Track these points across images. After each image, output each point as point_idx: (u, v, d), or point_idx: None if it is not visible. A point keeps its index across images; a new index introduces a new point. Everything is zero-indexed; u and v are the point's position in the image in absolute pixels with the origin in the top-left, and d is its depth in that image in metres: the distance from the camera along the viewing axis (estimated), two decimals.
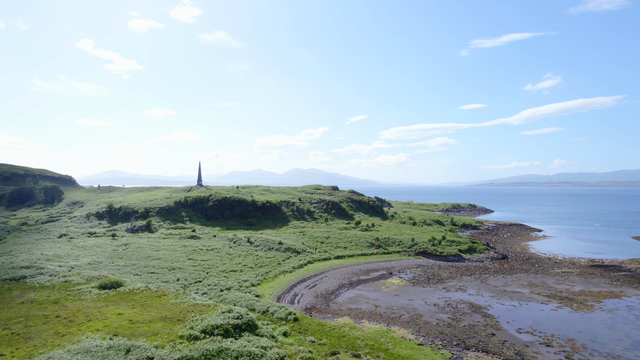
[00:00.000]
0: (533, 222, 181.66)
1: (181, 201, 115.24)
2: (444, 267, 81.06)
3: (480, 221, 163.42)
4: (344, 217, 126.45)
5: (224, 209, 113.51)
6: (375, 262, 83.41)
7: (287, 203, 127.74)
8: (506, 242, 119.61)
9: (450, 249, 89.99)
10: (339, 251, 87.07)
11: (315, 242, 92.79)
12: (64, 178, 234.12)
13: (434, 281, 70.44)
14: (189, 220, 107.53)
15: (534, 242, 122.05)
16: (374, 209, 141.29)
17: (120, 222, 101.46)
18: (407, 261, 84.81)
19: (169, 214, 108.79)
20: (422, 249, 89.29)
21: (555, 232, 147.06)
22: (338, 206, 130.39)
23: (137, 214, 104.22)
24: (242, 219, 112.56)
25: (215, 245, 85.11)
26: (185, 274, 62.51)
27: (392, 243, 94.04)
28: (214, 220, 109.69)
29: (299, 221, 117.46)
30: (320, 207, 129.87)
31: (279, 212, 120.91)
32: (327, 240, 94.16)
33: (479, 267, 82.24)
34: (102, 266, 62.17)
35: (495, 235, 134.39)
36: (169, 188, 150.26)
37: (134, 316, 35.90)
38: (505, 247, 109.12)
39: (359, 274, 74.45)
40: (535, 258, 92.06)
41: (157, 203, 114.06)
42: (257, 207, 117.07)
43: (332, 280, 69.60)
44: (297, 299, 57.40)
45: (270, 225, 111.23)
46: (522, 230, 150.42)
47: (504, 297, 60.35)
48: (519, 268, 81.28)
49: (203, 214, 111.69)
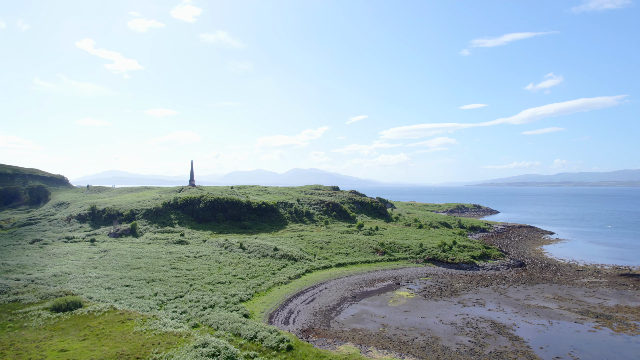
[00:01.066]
0: (542, 223, 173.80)
1: (170, 203, 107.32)
2: (457, 276, 73.29)
3: (488, 223, 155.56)
4: (345, 219, 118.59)
5: (217, 211, 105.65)
6: (380, 270, 75.65)
7: (285, 204, 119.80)
8: (519, 246, 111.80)
9: (462, 256, 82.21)
10: (341, 258, 79.34)
11: (315, 248, 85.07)
12: (56, 178, 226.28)
13: (447, 293, 62.72)
14: (178, 224, 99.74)
15: (548, 246, 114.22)
16: (376, 211, 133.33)
17: (103, 226, 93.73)
18: (416, 269, 77.02)
19: (156, 217, 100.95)
20: (432, 256, 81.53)
21: (568, 234, 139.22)
22: (339, 208, 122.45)
23: (122, 217, 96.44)
24: (235, 221, 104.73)
25: (204, 252, 77.38)
26: (166, 286, 54.81)
27: (398, 249, 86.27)
28: (206, 223, 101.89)
29: (297, 224, 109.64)
30: (320, 209, 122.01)
31: (276, 214, 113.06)
32: (327, 246, 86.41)
33: (496, 276, 74.44)
34: (70, 278, 54.44)
35: (506, 239, 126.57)
36: (159, 188, 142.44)
37: (80, 354, 28.11)
38: (519, 252, 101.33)
39: (363, 285, 66.73)
40: (554, 265, 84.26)
41: (145, 205, 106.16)
42: (252, 209, 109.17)
43: (333, 292, 61.87)
44: (292, 318, 49.66)
45: (266, 229, 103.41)
46: (533, 232, 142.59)
47: (529, 314, 52.64)
48: (540, 277, 73.47)
49: (194, 217, 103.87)
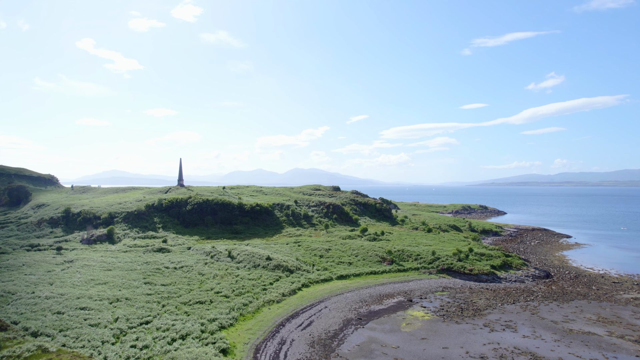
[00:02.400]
0: (555, 226, 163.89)
1: (154, 204, 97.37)
2: (477, 291, 63.46)
3: (499, 226, 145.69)
4: (347, 222, 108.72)
5: (205, 213, 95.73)
6: (388, 283, 65.82)
7: (281, 206, 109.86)
8: (538, 252, 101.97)
9: (480, 265, 72.37)
10: (343, 268, 69.50)
11: (313, 256, 75.25)
12: (44, 178, 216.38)
13: (469, 313, 52.96)
14: (162, 228, 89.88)
15: (569, 251, 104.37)
16: (381, 213, 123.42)
17: (77, 231, 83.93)
18: (429, 282, 67.16)
19: (138, 221, 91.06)
20: (447, 265, 71.69)
21: (587, 238, 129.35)
22: (340, 210, 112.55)
23: (99, 221, 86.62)
24: (226, 225, 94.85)
25: (186, 262, 67.55)
26: (132, 308, 45.02)
27: (408, 257, 76.40)
28: (193, 228, 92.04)
29: (294, 228, 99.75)
30: (320, 211, 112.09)
31: (271, 217, 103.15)
32: (327, 254, 76.58)
33: (521, 290, 64.58)
34: (14, 300, 44.65)
35: (522, 243, 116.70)
36: (147, 188, 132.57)
37: None
38: (540, 259, 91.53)
39: (369, 302, 56.96)
40: (585, 276, 74.38)
41: (126, 207, 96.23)
42: (245, 212, 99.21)
43: (335, 313, 52.10)
44: (284, 351, 39.83)
45: (260, 233, 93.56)
46: (548, 236, 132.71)
47: (575, 343, 42.85)
48: (574, 291, 63.62)
49: (180, 220, 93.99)
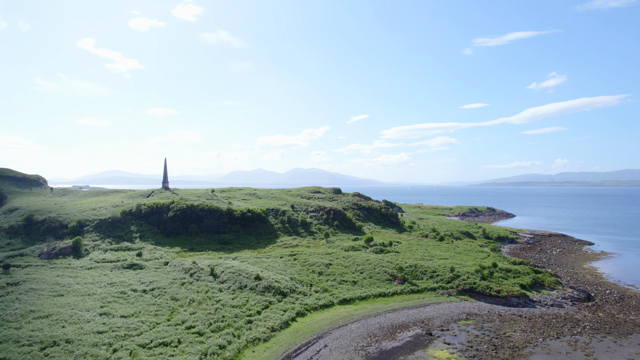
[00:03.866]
0: (572, 230, 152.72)
1: (132, 211, 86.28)
2: (509, 319, 52.42)
3: (514, 231, 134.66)
4: (349, 230, 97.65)
5: (189, 221, 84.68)
6: (401, 308, 54.77)
7: (276, 212, 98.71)
8: (563, 263, 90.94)
9: (508, 285, 61.31)
10: (346, 289, 58.46)
11: (311, 273, 64.21)
12: (29, 179, 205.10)
13: (505, 353, 42.01)
14: (139, 238, 78.85)
15: (597, 263, 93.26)
16: (386, 219, 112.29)
17: (39, 242, 72.87)
18: (449, 306, 56.11)
19: (112, 229, 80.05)
20: (469, 285, 60.62)
21: (611, 246, 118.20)
22: (342, 216, 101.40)
23: (66, 230, 75.61)
24: (213, 234, 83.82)
25: (159, 282, 56.54)
26: (69, 358, 34.06)
27: (422, 274, 65.29)
28: (175, 237, 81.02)
29: (290, 237, 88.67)
30: (319, 217, 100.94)
31: (265, 224, 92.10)
32: (327, 270, 65.52)
33: (562, 318, 53.51)
34: None
35: (542, 252, 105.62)
36: (130, 191, 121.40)
37: None
38: (568, 273, 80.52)
39: (379, 337, 45.95)
40: (632, 297, 63.20)
41: (100, 213, 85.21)
42: (235, 219, 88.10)
43: (337, 355, 41.08)
44: None
45: (251, 243, 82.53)
46: (568, 243, 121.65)
47: None
48: (627, 320, 52.53)
49: (160, 228, 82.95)
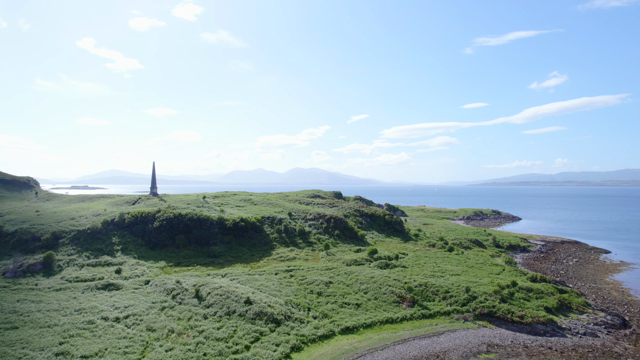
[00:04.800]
0: (584, 236, 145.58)
1: (114, 220, 79.22)
2: (537, 352, 45.31)
3: (524, 238, 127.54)
4: (351, 239, 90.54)
5: (176, 231, 77.61)
6: (411, 338, 47.68)
7: (272, 220, 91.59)
8: (582, 276, 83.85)
9: (532, 308, 54.21)
10: (349, 314, 51.37)
11: (309, 294, 57.15)
12: (19, 181, 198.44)
13: None
14: (121, 251, 71.77)
15: (620, 275, 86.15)
16: (390, 226, 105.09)
17: (7, 257, 65.71)
18: (467, 335, 48.98)
19: (91, 242, 72.96)
20: (487, 309, 53.53)
21: (630, 254, 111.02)
22: (343, 224, 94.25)
23: (38, 243, 68.54)
24: (202, 246, 76.76)
25: (136, 307, 49.49)
26: None
27: (433, 294, 58.18)
28: (161, 250, 73.95)
29: (287, 248, 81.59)
30: (319, 226, 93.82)
31: (259, 234, 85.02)
32: (327, 290, 58.45)
33: (599, 350, 46.38)
34: None
35: (558, 263, 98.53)
36: (118, 197, 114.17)
37: None
38: (591, 289, 73.45)
39: None
40: None
41: (79, 223, 78.09)
42: (226, 229, 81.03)
43: None
44: None
45: (244, 256, 75.45)
46: (583, 251, 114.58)
47: None
48: None
49: (145, 240, 75.86)
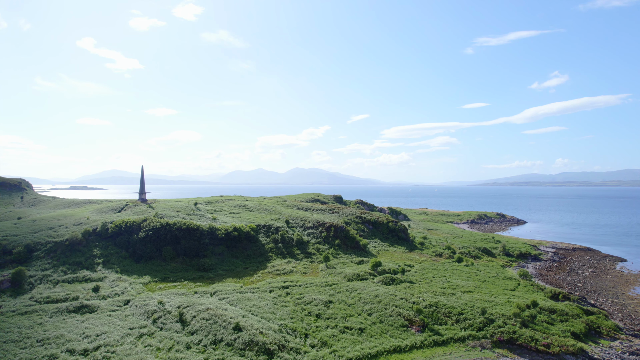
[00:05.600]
0: (595, 242, 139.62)
1: (96, 230, 73.22)
2: None
3: (534, 245, 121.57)
4: (353, 249, 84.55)
5: (164, 242, 71.63)
6: None
7: (268, 229, 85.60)
8: (602, 290, 77.90)
9: (557, 334, 48.22)
10: (351, 342, 45.35)
11: (307, 316, 51.19)
12: (9, 183, 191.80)
13: None
14: (103, 264, 65.78)
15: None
16: (394, 234, 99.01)
17: None
18: None
19: (70, 254, 66.96)
20: (507, 335, 47.54)
21: None
22: (344, 233, 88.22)
23: (9, 257, 62.52)
24: (192, 258, 70.77)
25: (109, 335, 43.51)
26: None
27: (445, 316, 52.20)
28: (146, 263, 67.96)
29: (284, 260, 75.61)
30: (318, 235, 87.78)
31: (254, 244, 79.04)
32: (327, 311, 52.48)
33: None
34: None
35: (573, 273, 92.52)
36: (107, 202, 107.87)
37: None
38: (614, 305, 67.51)
39: None
40: None
41: (56, 234, 72.03)
42: (218, 239, 75.08)
43: None
44: None
45: (237, 269, 69.42)
46: (597, 259, 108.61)
47: None
48: None
49: (129, 252, 69.87)
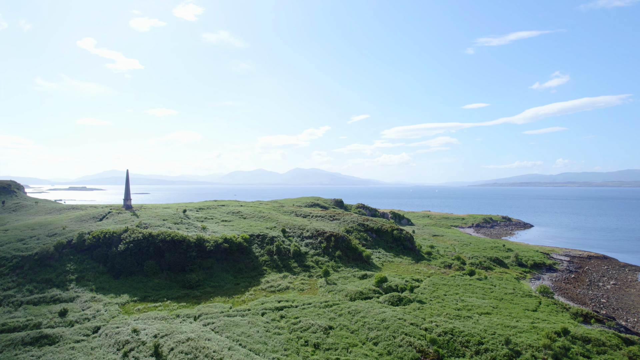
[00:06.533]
0: (610, 249, 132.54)
1: (72, 242, 66.15)
2: None
3: (546, 252, 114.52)
4: (355, 261, 77.48)
5: (146, 256, 64.64)
6: None
7: (263, 239, 78.58)
8: (628, 306, 70.83)
9: None
10: None
11: (304, 346, 44.20)
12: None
13: None
14: (76, 281, 58.81)
15: None
16: (399, 243, 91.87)
17: None
18: None
19: (39, 270, 60.01)
20: None
21: None
22: (346, 243, 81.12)
23: None
24: (177, 273, 63.76)
25: None
26: None
27: (462, 346, 45.17)
28: (126, 279, 60.97)
29: (279, 274, 68.56)
30: (317, 245, 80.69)
31: (247, 256, 72.03)
32: (327, 340, 45.46)
33: None
34: None
35: (593, 286, 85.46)
36: (91, 209, 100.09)
37: None
38: None
39: None
40: None
41: (25, 247, 64.91)
42: (207, 252, 68.08)
43: None
44: None
45: (227, 286, 62.36)
46: (616, 269, 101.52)
47: None
48: None
49: (108, 266, 62.89)
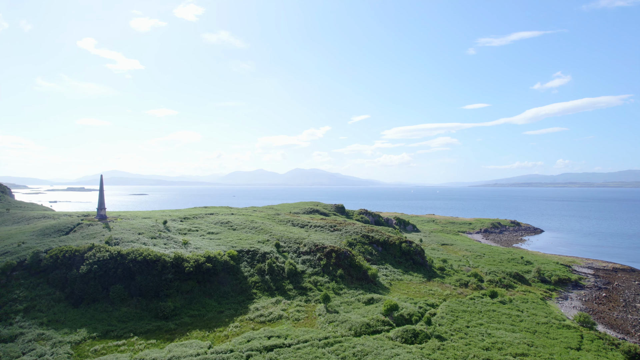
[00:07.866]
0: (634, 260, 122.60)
1: (24, 262, 56.13)
2: None
3: (567, 265, 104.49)
4: (359, 281, 67.44)
5: (113, 279, 54.68)
6: None
7: (253, 256, 68.46)
8: None
9: None
10: None
11: None
12: None
13: None
14: (24, 312, 48.89)
15: None
16: (408, 258, 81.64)
17: None
18: None
19: None
20: None
21: None
22: (348, 260, 70.95)
23: None
24: (151, 299, 53.77)
25: None
26: None
27: None
28: (88, 307, 51.07)
29: (271, 298, 58.50)
30: (316, 263, 70.54)
31: (234, 277, 62.02)
32: None
33: None
34: None
35: (629, 308, 75.46)
36: (64, 218, 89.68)
37: None
38: None
39: None
40: None
41: None
42: (185, 274, 58.11)
43: None
44: None
45: (209, 315, 52.43)
46: None
47: None
48: None
49: (66, 293, 52.91)
